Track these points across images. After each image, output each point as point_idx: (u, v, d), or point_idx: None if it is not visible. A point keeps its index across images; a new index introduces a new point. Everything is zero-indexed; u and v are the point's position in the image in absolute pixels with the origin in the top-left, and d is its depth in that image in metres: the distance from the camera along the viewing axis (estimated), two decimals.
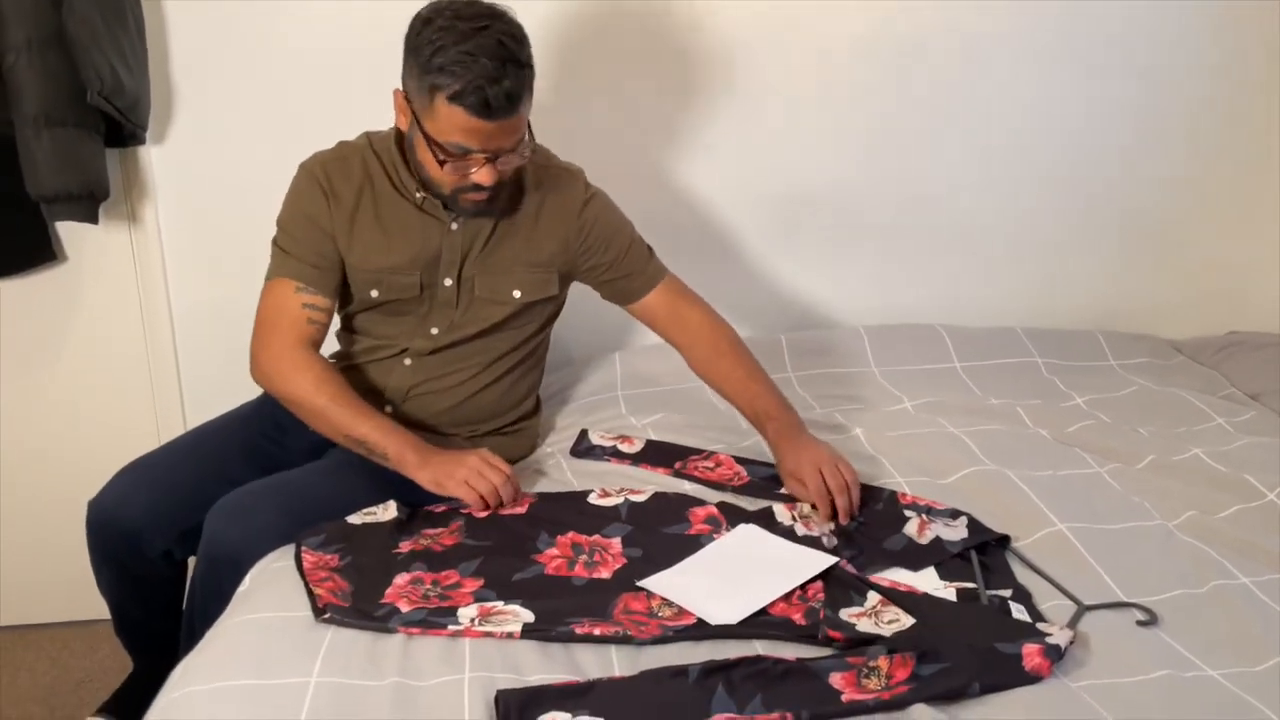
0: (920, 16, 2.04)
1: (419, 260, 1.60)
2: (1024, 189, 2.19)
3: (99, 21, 1.70)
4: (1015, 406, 1.90)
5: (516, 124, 1.46)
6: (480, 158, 1.47)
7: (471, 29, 1.40)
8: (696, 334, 1.72)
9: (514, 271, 1.64)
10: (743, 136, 2.08)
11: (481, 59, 1.38)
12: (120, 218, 1.97)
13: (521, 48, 1.43)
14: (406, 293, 1.62)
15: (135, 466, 1.61)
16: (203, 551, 1.50)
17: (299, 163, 1.65)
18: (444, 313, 1.64)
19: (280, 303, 1.57)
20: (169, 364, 2.07)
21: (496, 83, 1.39)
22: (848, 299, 2.21)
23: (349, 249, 1.59)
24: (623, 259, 1.69)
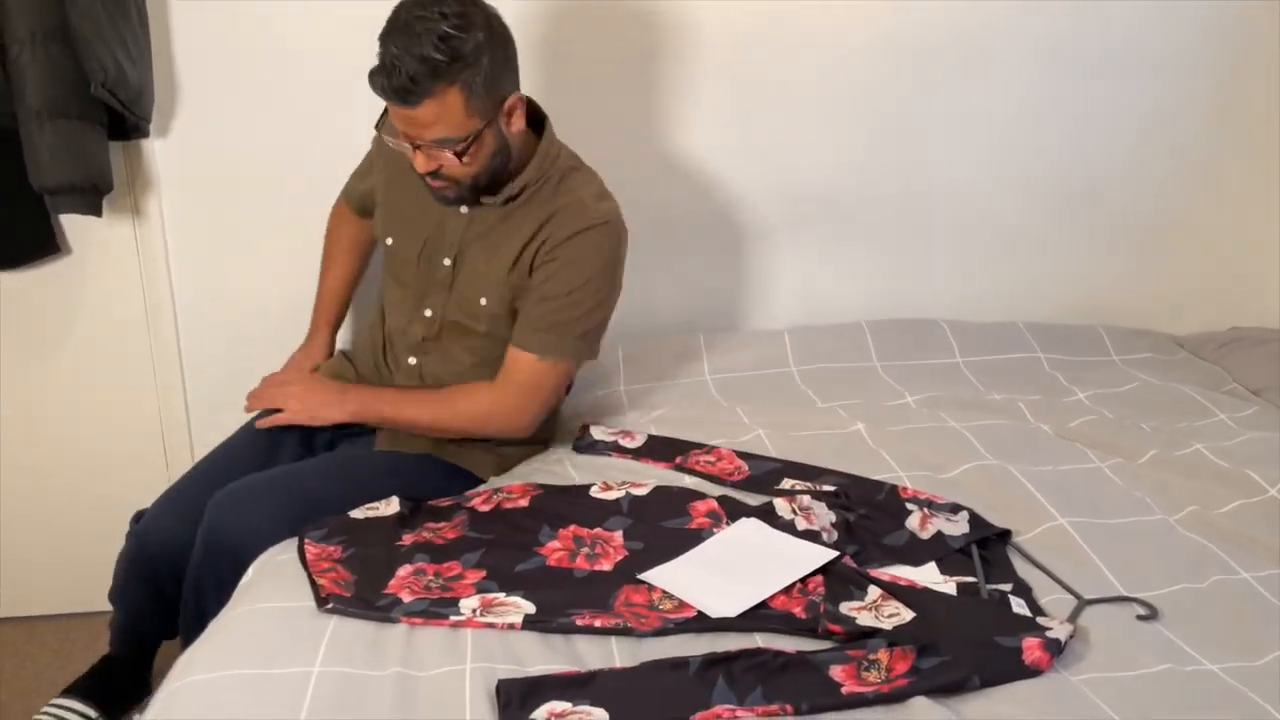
0: (924, 15, 2.04)
1: (424, 227, 1.62)
2: (1027, 184, 2.18)
3: (102, 14, 1.70)
4: (1017, 401, 1.90)
5: (428, 117, 1.42)
6: (406, 142, 1.48)
7: (415, 17, 1.40)
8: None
9: (492, 277, 1.59)
10: (748, 133, 2.08)
11: (392, 46, 1.40)
12: (124, 210, 1.97)
13: (443, 44, 1.38)
14: (408, 251, 1.64)
15: (169, 494, 1.63)
16: (202, 539, 1.50)
17: (303, 154, 1.67)
18: (438, 295, 1.65)
19: (337, 207, 1.88)
20: (172, 356, 2.07)
21: (391, 72, 1.39)
22: (851, 294, 2.21)
23: (385, 184, 1.68)
24: (532, 297, 1.56)
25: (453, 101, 1.42)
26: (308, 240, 1.95)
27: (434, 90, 1.41)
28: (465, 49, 1.41)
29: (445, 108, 1.42)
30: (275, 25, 1.91)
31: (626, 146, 2.05)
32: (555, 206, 1.57)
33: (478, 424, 1.63)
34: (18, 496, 2.12)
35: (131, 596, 1.67)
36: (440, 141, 1.46)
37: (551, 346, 1.58)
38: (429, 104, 1.42)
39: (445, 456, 1.67)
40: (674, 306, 2.17)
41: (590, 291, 1.57)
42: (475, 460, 1.70)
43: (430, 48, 1.39)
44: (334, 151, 1.93)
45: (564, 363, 1.60)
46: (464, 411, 1.62)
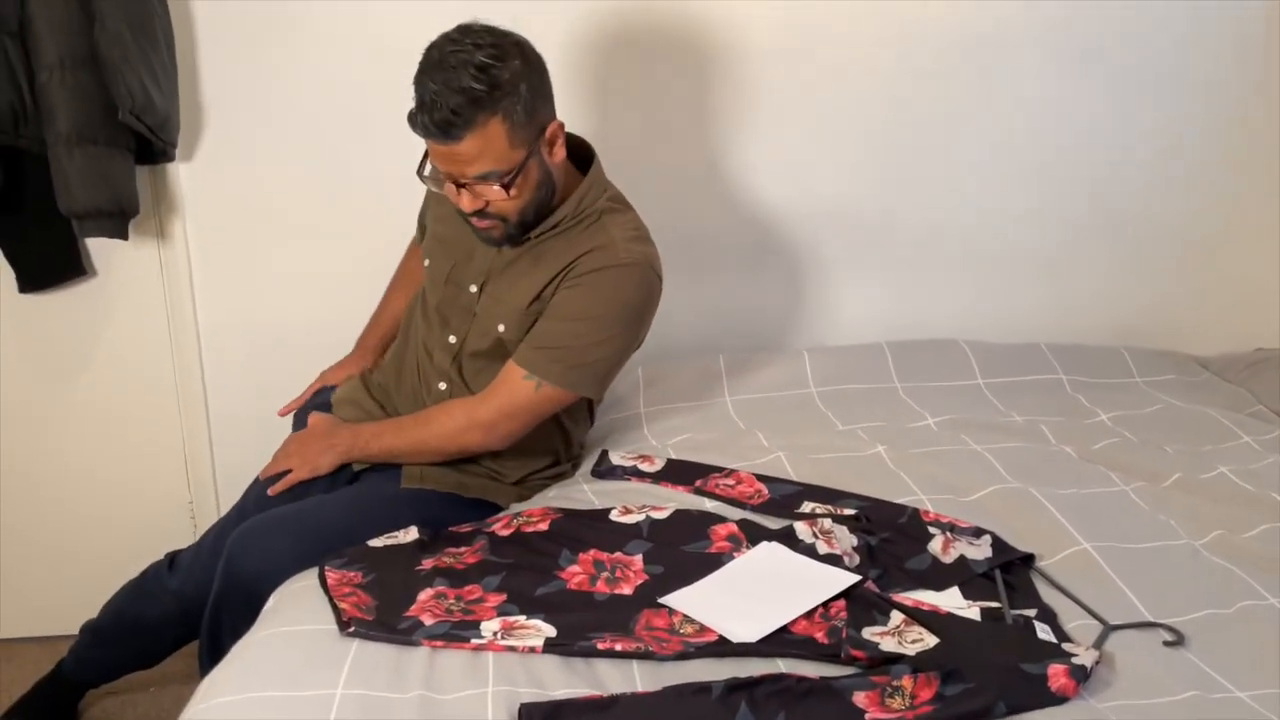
0: (942, 32, 2.04)
1: (456, 250, 1.63)
2: (1049, 203, 2.18)
3: (130, 41, 1.73)
4: (1039, 424, 1.89)
5: (470, 153, 1.42)
6: (447, 180, 1.48)
7: (450, 51, 1.41)
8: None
9: (513, 304, 1.58)
10: (767, 152, 2.09)
11: (430, 83, 1.40)
12: (149, 234, 1.99)
13: (482, 75, 1.39)
14: (437, 275, 1.65)
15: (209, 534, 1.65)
16: (221, 573, 1.51)
17: (326, 179, 1.69)
18: (462, 320, 1.65)
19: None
20: (195, 378, 2.09)
21: (432, 109, 1.40)
22: (871, 314, 2.20)
23: (433, 215, 1.70)
24: (540, 322, 1.55)
25: (495, 132, 1.42)
26: (331, 264, 1.96)
27: (476, 121, 1.40)
28: (503, 77, 1.41)
29: (488, 140, 1.42)
30: (300, 52, 1.93)
31: (642, 164, 2.01)
32: (589, 245, 1.55)
33: (452, 439, 1.60)
34: (39, 517, 2.14)
35: (132, 626, 1.68)
36: (485, 176, 1.45)
37: (541, 368, 1.54)
38: (472, 137, 1.41)
39: (471, 493, 1.67)
40: (693, 327, 2.17)
41: (599, 325, 1.54)
42: (503, 495, 1.70)
43: (469, 79, 1.39)
44: (356, 177, 1.96)
45: (551, 388, 1.55)
46: (438, 430, 1.60)
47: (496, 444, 1.61)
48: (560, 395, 1.57)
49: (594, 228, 1.57)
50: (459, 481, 1.67)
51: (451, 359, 1.66)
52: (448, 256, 1.65)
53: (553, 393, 1.56)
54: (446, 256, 1.65)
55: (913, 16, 2.03)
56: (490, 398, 1.59)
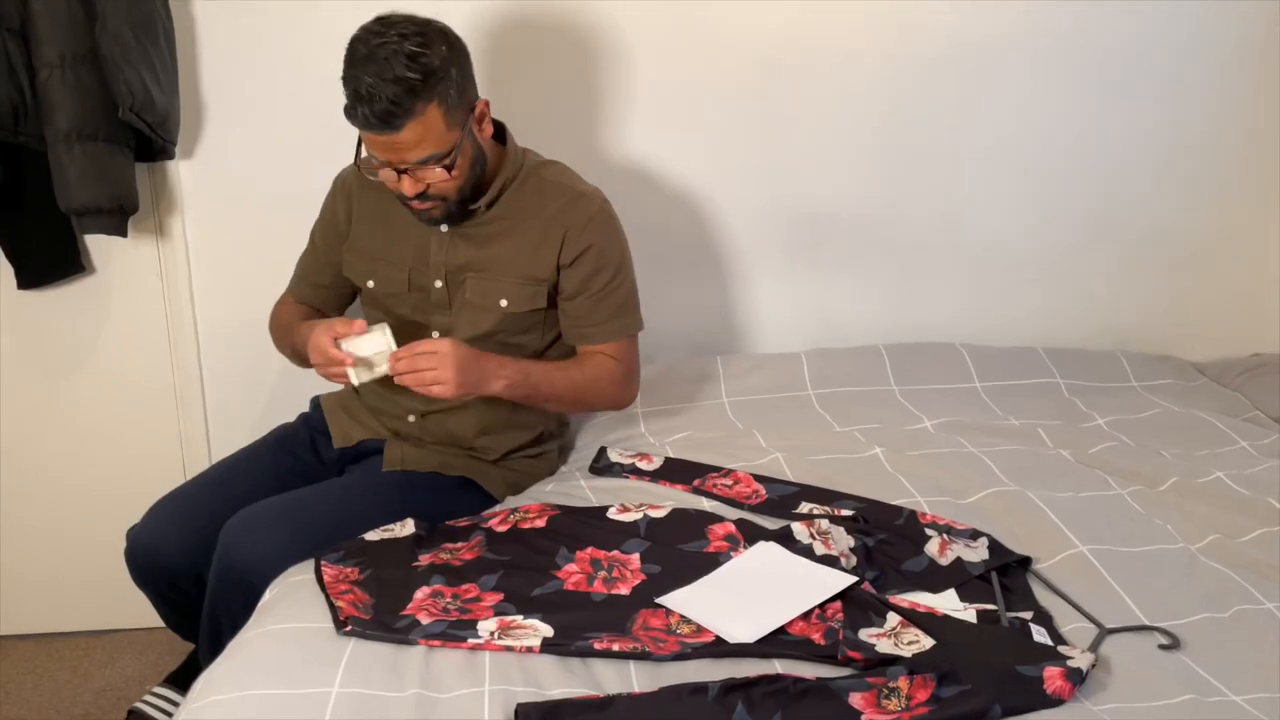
0: (941, 36, 2.05)
1: (407, 256, 1.66)
2: (1046, 207, 2.18)
3: (131, 39, 1.73)
4: (1036, 427, 1.89)
5: (411, 140, 1.46)
6: (388, 167, 1.51)
7: (376, 43, 1.43)
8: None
9: (505, 280, 1.65)
10: (764, 153, 2.09)
11: (365, 75, 1.43)
12: (148, 231, 1.99)
13: (410, 64, 1.42)
14: (395, 286, 1.67)
15: (171, 498, 1.65)
16: (215, 567, 1.52)
17: (323, 178, 1.72)
18: (440, 315, 1.68)
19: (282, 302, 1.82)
20: (193, 376, 2.08)
21: (369, 100, 1.43)
22: (868, 316, 2.20)
23: (353, 239, 1.69)
24: (586, 297, 1.65)
25: (433, 117, 1.46)
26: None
27: (414, 109, 1.44)
28: (434, 64, 1.44)
29: (427, 125, 1.46)
30: (302, 50, 1.93)
31: (638, 168, 2.06)
32: (558, 202, 1.63)
33: (606, 388, 1.69)
34: (37, 514, 2.13)
35: (148, 596, 1.68)
36: (426, 160, 1.49)
37: (630, 324, 1.69)
38: (412, 125, 1.45)
39: (454, 472, 1.68)
40: (689, 329, 2.17)
41: (626, 266, 1.68)
42: (486, 476, 1.71)
43: (403, 69, 1.42)
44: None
45: (637, 332, 1.71)
46: (593, 373, 1.67)
47: (627, 402, 1.75)
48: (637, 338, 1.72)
49: (536, 182, 1.64)
50: (442, 462, 1.68)
51: None
52: (396, 267, 1.67)
53: (635, 339, 1.71)
54: (395, 267, 1.67)
55: (912, 20, 2.03)
56: (620, 369, 1.68)
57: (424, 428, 1.70)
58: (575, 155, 1.77)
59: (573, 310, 1.68)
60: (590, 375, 1.68)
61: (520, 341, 1.68)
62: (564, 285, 1.67)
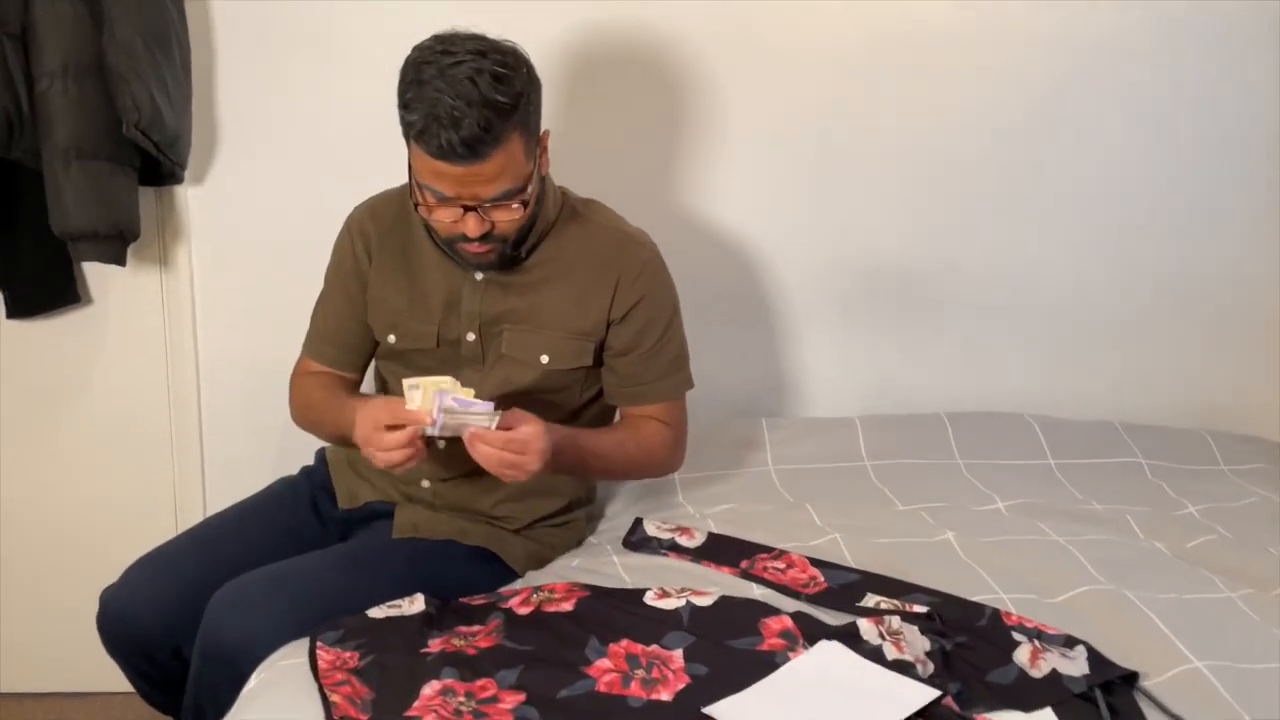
0: (1015, 84, 1.91)
1: (436, 308, 1.49)
2: (1124, 268, 2.02)
3: (142, 51, 1.60)
4: (1124, 514, 1.70)
5: (492, 171, 1.31)
6: (456, 205, 1.34)
7: (450, 64, 1.28)
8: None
9: (547, 333, 1.49)
10: (817, 205, 1.96)
11: (445, 97, 1.26)
12: (151, 260, 1.87)
13: (500, 87, 1.27)
14: (422, 342, 1.50)
15: (149, 560, 1.48)
16: (199, 645, 1.35)
17: (344, 213, 1.57)
18: (472, 371, 1.50)
19: (298, 367, 1.61)
20: (191, 417, 1.95)
21: (455, 125, 1.26)
22: (928, 382, 2.04)
23: (371, 287, 1.52)
24: (638, 354, 1.50)
25: (515, 146, 1.32)
26: None
27: (501, 137, 1.29)
28: (520, 87, 1.31)
29: (510, 156, 1.31)
30: (326, 73, 1.82)
31: (684, 218, 1.93)
32: (607, 245, 1.48)
33: (656, 454, 1.56)
34: (13, 563, 1.99)
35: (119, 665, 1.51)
36: (505, 194, 1.34)
37: (682, 383, 1.56)
38: (497, 154, 1.30)
39: (472, 541, 1.51)
40: (731, 388, 2.01)
41: (678, 318, 1.56)
42: (507, 547, 1.54)
43: (491, 90, 1.27)
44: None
45: (688, 391, 1.58)
46: (647, 441, 1.53)
47: (675, 468, 1.62)
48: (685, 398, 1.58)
49: (580, 224, 1.49)
50: (458, 529, 1.52)
51: None
52: (424, 321, 1.50)
53: (684, 398, 1.57)
54: (423, 322, 1.50)
55: (980, 65, 1.90)
56: (666, 427, 1.54)
57: (438, 492, 1.52)
58: (612, 194, 1.61)
59: (622, 368, 1.52)
60: (644, 443, 1.53)
61: (557, 400, 1.52)
62: (613, 342, 1.51)
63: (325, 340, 1.57)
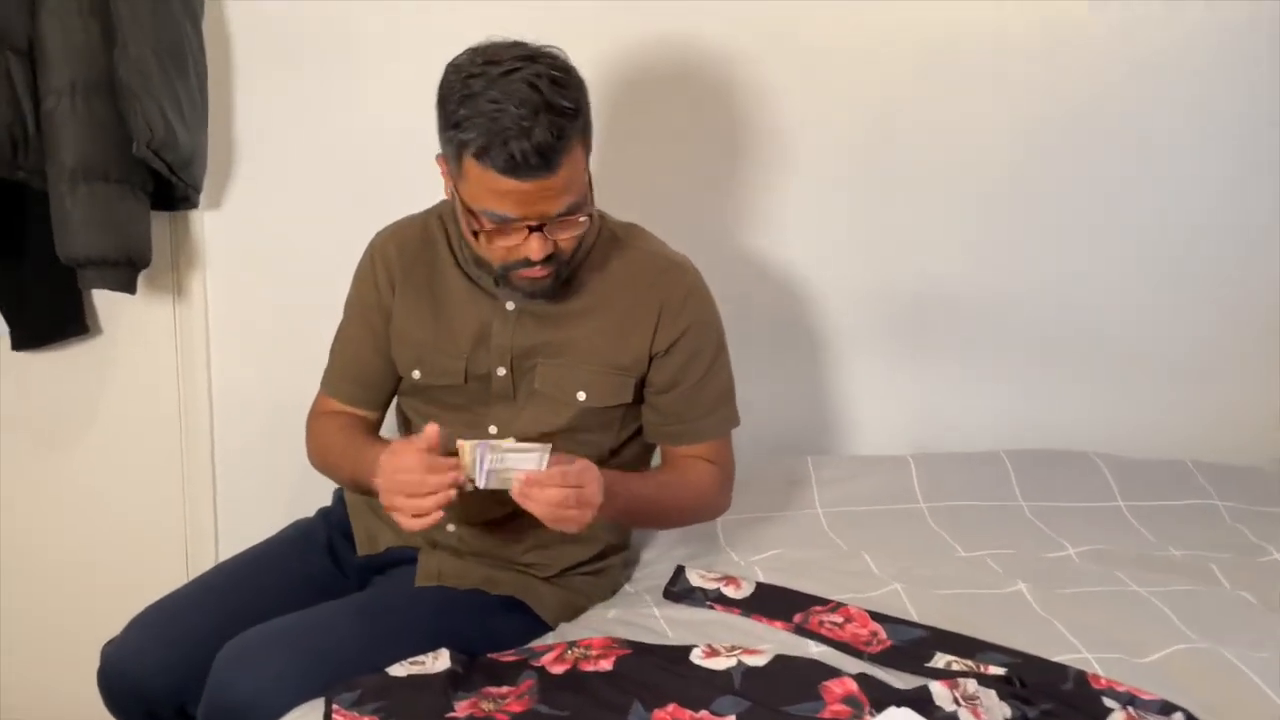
0: (1074, 101, 1.82)
1: (464, 342, 1.38)
2: (1195, 295, 1.93)
3: (155, 68, 1.52)
4: (1207, 561, 1.58)
5: (561, 184, 1.21)
6: (521, 226, 1.23)
7: (501, 73, 1.18)
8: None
9: (585, 368, 1.38)
10: (867, 224, 1.87)
11: (509, 107, 1.16)
12: (164, 288, 1.78)
13: (562, 91, 1.19)
14: (449, 379, 1.39)
15: (155, 611, 1.38)
16: (205, 707, 1.24)
17: (367, 239, 1.48)
18: (501, 408, 1.39)
19: (316, 407, 1.50)
20: (204, 454, 1.86)
21: (525, 135, 1.16)
22: (982, 416, 1.95)
23: (395, 318, 1.41)
24: (683, 389, 1.39)
25: (578, 156, 1.23)
26: None
27: (570, 146, 1.20)
28: (577, 89, 1.22)
29: (575, 167, 1.22)
30: (347, 97, 1.74)
31: (721, 241, 1.84)
32: (645, 273, 1.38)
33: (706, 498, 1.45)
34: (13, 608, 1.89)
35: None
36: (571, 209, 1.24)
37: (730, 417, 1.45)
38: (566, 165, 1.20)
39: (500, 590, 1.40)
40: (775, 423, 1.90)
41: (724, 346, 1.44)
42: (538, 596, 1.42)
43: (555, 94, 1.18)
44: None
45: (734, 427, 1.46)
46: (695, 484, 1.43)
47: (723, 511, 1.51)
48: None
49: (619, 249, 1.39)
50: (486, 576, 1.40)
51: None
52: (452, 356, 1.38)
53: (730, 436, 1.46)
54: (450, 356, 1.39)
55: (1038, 84, 1.81)
56: (715, 467, 1.44)
57: (464, 537, 1.41)
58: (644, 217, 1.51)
59: (665, 405, 1.41)
60: (693, 486, 1.42)
61: (592, 439, 1.41)
62: (655, 377, 1.39)
63: (345, 376, 1.46)
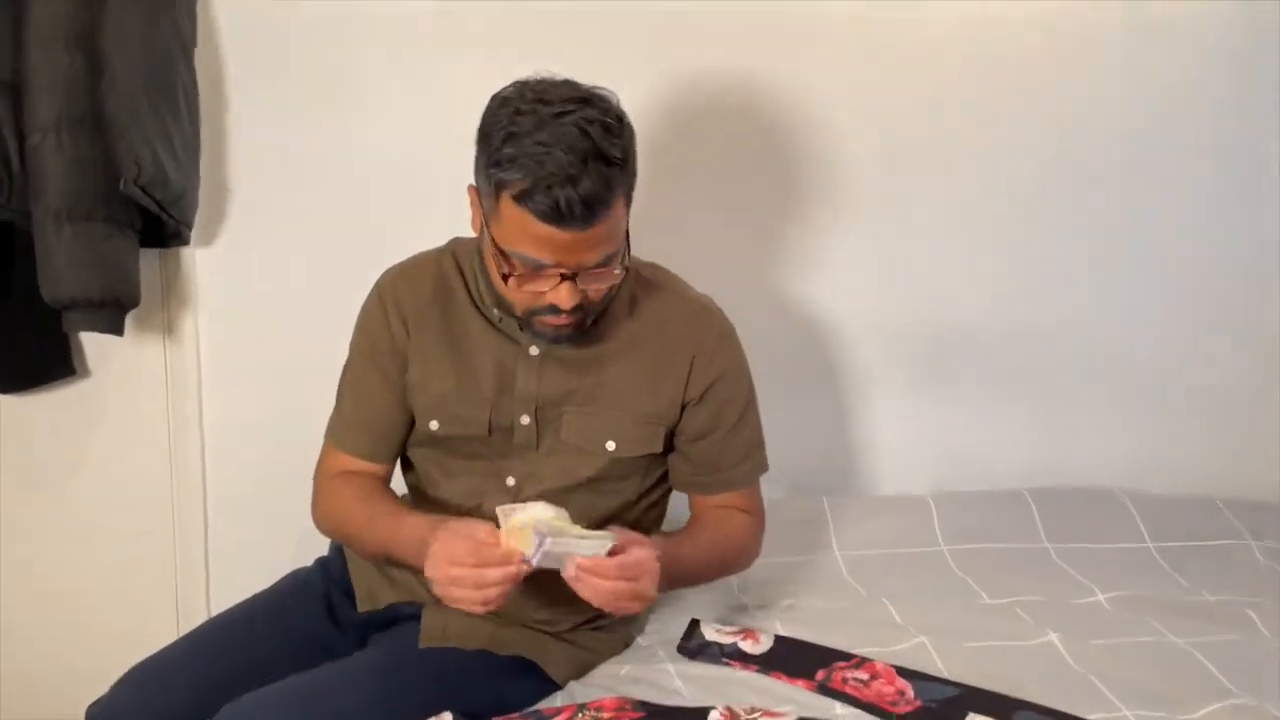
0: (1098, 127, 1.78)
1: (487, 390, 1.31)
2: (1217, 332, 1.89)
3: (144, 102, 1.47)
4: (1243, 607, 1.51)
5: (601, 235, 1.16)
6: (554, 274, 1.17)
7: (552, 114, 1.12)
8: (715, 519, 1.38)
9: (614, 416, 1.31)
10: (881, 256, 1.82)
11: (557, 151, 1.10)
12: (154, 328, 1.73)
13: (613, 140, 1.14)
14: (471, 429, 1.32)
15: (142, 671, 1.31)
16: None
17: (367, 278, 1.39)
18: (523, 459, 1.33)
19: (325, 463, 1.39)
20: (196, 501, 1.80)
21: (572, 183, 1.10)
22: (1003, 452, 1.89)
23: (413, 364, 1.33)
24: (715, 437, 1.34)
25: (620, 209, 1.18)
26: None
27: (615, 199, 1.15)
28: (626, 138, 1.17)
29: (616, 218, 1.17)
30: (345, 131, 1.69)
31: (731, 274, 1.72)
32: (675, 317, 1.33)
33: (746, 551, 1.41)
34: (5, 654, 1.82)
35: None
36: (607, 259, 1.18)
37: (762, 461, 1.41)
38: (608, 217, 1.15)
39: (508, 650, 1.33)
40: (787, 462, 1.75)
41: (753, 393, 1.39)
42: (547, 654, 1.36)
43: (606, 143, 1.13)
44: None
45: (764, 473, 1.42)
46: (735, 538, 1.38)
47: (757, 557, 1.45)
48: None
49: (646, 291, 1.34)
50: (492, 636, 1.33)
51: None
52: (474, 405, 1.31)
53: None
54: (473, 406, 1.31)
55: (1057, 110, 1.77)
56: (749, 516, 1.40)
57: None
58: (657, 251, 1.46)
59: (698, 454, 1.35)
60: (735, 541, 1.38)
61: (616, 489, 1.35)
62: (687, 426, 1.33)
63: (357, 428, 1.35)
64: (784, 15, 1.69)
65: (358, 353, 1.36)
